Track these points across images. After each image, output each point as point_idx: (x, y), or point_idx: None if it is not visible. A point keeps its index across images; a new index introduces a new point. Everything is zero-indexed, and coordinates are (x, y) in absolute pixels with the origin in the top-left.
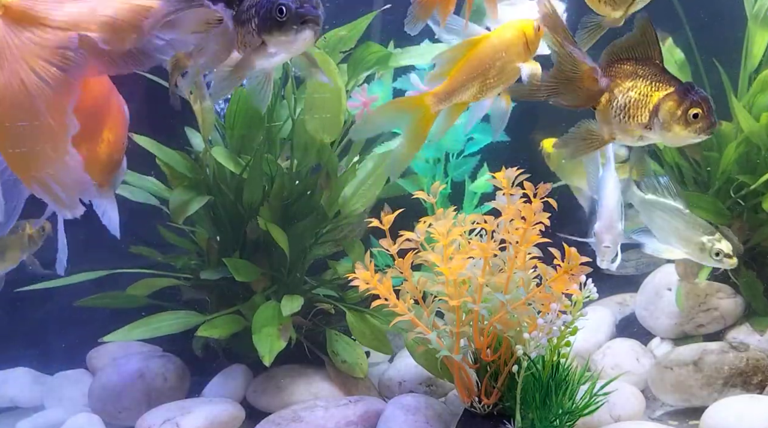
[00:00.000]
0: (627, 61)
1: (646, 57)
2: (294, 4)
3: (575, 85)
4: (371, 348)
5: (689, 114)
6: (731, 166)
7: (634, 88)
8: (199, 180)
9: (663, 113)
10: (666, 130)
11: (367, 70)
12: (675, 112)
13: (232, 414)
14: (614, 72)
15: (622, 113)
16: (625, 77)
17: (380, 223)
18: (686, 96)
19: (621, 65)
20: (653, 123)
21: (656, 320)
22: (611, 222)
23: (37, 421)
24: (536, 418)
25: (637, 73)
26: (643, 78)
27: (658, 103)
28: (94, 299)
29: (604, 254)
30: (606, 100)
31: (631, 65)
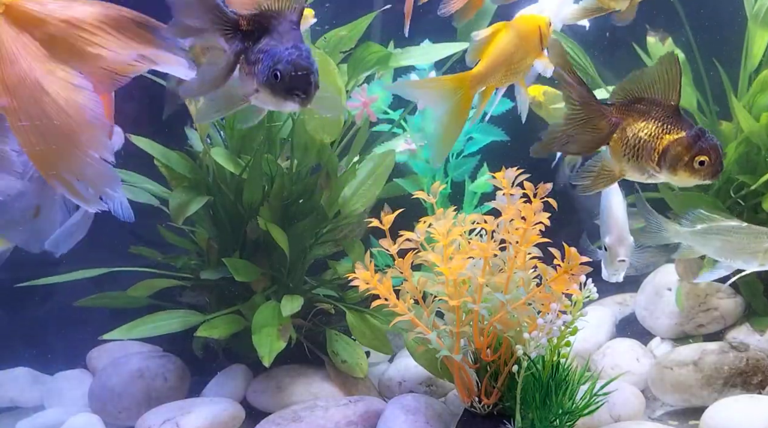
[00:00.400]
0: (642, 100)
1: (663, 97)
2: (289, 72)
3: (588, 129)
4: (371, 348)
5: (696, 161)
6: (731, 166)
7: (646, 129)
8: (198, 180)
9: (671, 157)
10: (672, 173)
11: (367, 70)
12: (683, 158)
13: (232, 414)
14: (627, 110)
15: (632, 153)
16: (638, 117)
17: (380, 223)
18: (695, 143)
19: (635, 104)
20: (661, 165)
21: (656, 320)
22: (623, 235)
23: (37, 421)
24: (536, 418)
25: (650, 114)
26: (656, 120)
27: (667, 147)
28: (94, 299)
29: (618, 268)
30: (617, 137)
31: (646, 105)
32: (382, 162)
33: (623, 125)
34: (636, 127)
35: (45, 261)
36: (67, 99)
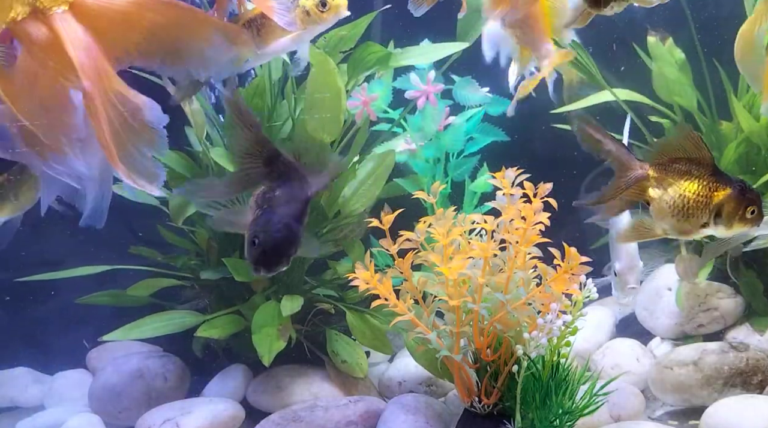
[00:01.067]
0: (679, 160)
1: (698, 156)
2: (262, 247)
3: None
4: (371, 348)
5: (748, 212)
6: (731, 165)
7: (691, 188)
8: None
9: (726, 214)
10: (728, 227)
11: (367, 70)
12: (737, 213)
13: (232, 414)
14: (666, 170)
15: (681, 214)
16: (679, 177)
17: (380, 223)
18: (744, 196)
19: (673, 164)
20: (713, 222)
21: (656, 320)
22: (633, 262)
23: (37, 421)
24: (536, 418)
25: (691, 173)
26: (699, 178)
27: (720, 205)
28: (95, 297)
29: (629, 294)
30: (660, 197)
31: (684, 164)
32: (382, 162)
33: (665, 185)
34: (680, 187)
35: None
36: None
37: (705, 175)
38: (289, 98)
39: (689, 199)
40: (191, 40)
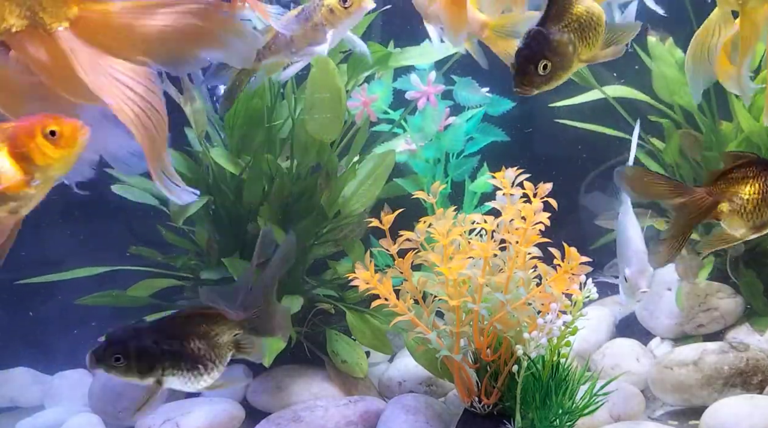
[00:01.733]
0: (729, 171)
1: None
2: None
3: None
4: (371, 348)
5: None
6: None
7: (754, 190)
8: (198, 180)
9: None
10: None
11: (366, 70)
12: None
13: (232, 414)
14: (723, 183)
15: (755, 215)
16: (738, 184)
17: (380, 223)
18: None
19: (727, 175)
20: None
21: (656, 320)
22: (643, 266)
23: (37, 421)
24: (536, 418)
25: (747, 176)
26: (755, 178)
27: None
28: (95, 297)
29: (640, 298)
30: (730, 211)
31: (739, 172)
32: (382, 162)
33: (728, 195)
34: (746, 192)
35: (46, 261)
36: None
37: (760, 172)
38: (289, 98)
39: (758, 200)
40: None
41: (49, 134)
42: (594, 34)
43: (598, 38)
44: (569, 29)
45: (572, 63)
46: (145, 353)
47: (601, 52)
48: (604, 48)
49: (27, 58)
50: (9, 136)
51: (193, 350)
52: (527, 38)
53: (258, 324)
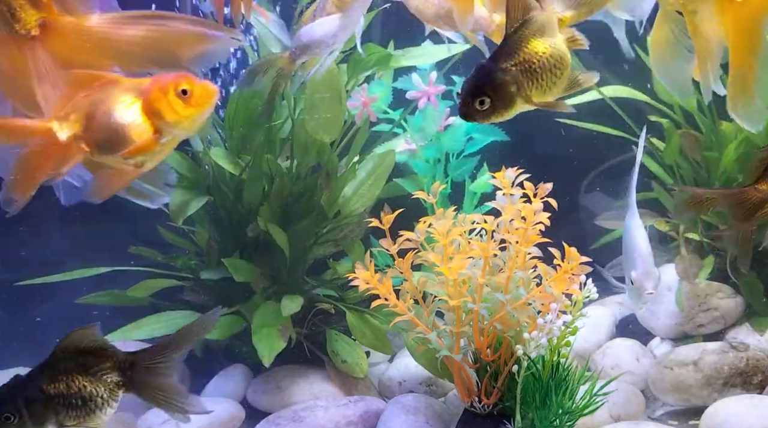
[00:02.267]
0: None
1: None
2: None
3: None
4: (371, 348)
5: None
6: (731, 165)
7: None
8: (198, 180)
9: None
10: None
11: (366, 70)
12: None
13: (232, 414)
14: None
15: None
16: None
17: (380, 223)
18: None
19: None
20: None
21: (656, 320)
22: (649, 269)
23: None
24: (536, 418)
25: None
26: None
27: None
28: (96, 297)
29: (647, 300)
30: None
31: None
32: (382, 162)
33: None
34: None
35: (46, 261)
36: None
37: None
38: (288, 98)
39: None
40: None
41: (181, 93)
42: (550, 76)
43: (556, 81)
44: (518, 69)
45: (514, 103)
46: (34, 403)
47: (551, 101)
48: (569, 90)
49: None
50: (143, 92)
51: (79, 388)
52: (473, 71)
53: (139, 381)
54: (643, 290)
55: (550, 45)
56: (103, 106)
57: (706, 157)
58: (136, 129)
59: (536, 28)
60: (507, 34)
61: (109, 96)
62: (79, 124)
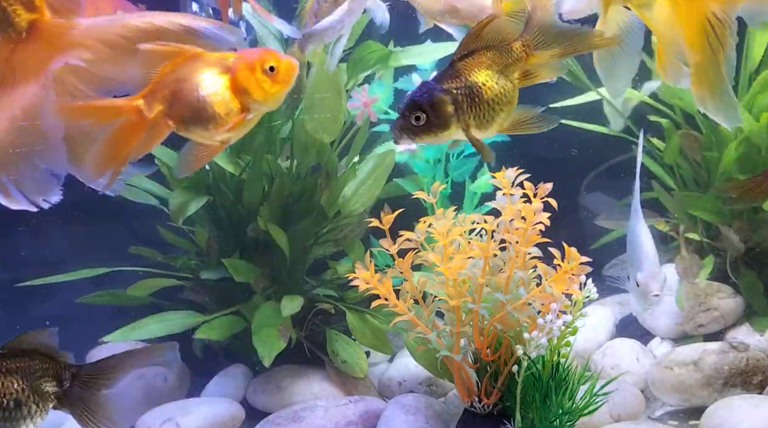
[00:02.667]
0: None
1: None
2: None
3: None
4: (371, 348)
5: None
6: (731, 165)
7: None
8: (198, 180)
9: None
10: None
11: (366, 69)
12: None
13: (232, 414)
14: None
15: None
16: None
17: (380, 223)
18: None
19: None
20: None
21: (656, 320)
22: (655, 270)
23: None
24: (536, 418)
25: None
26: None
27: None
28: (96, 296)
29: (653, 302)
30: None
31: None
32: (382, 162)
33: None
34: None
35: (46, 261)
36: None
37: None
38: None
39: None
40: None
41: (269, 70)
42: (488, 109)
43: (495, 116)
44: (459, 93)
45: (449, 125)
46: None
47: (480, 141)
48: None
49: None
50: (230, 69)
51: (15, 390)
52: (418, 86)
53: (76, 395)
54: (649, 292)
55: (496, 80)
56: (190, 82)
57: (706, 157)
58: (224, 107)
59: (487, 60)
60: (455, 58)
61: (195, 72)
62: (165, 101)
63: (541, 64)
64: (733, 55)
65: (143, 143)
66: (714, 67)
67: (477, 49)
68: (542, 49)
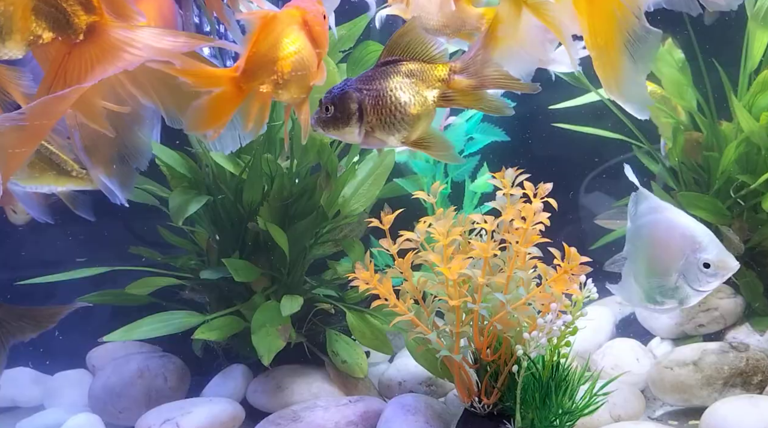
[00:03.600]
0: None
1: None
2: None
3: None
4: (371, 348)
5: None
6: (731, 166)
7: None
8: (198, 180)
9: None
10: None
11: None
12: None
13: (232, 414)
14: None
15: None
16: None
17: (380, 223)
18: None
19: None
20: None
21: (656, 320)
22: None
23: (37, 421)
24: (536, 418)
25: None
26: None
27: None
28: (96, 296)
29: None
30: None
31: None
32: (382, 162)
33: None
34: None
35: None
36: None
37: None
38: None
39: None
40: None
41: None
42: (390, 116)
43: (398, 125)
44: (367, 94)
45: (350, 123)
46: None
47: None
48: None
49: (49, 68)
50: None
51: None
52: (341, 82)
53: None
54: (728, 269)
55: (409, 90)
56: (280, 50)
57: (705, 157)
58: (311, 66)
59: (406, 70)
60: (379, 62)
61: (281, 36)
62: (266, 72)
63: (463, 92)
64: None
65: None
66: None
67: (402, 59)
68: (465, 77)
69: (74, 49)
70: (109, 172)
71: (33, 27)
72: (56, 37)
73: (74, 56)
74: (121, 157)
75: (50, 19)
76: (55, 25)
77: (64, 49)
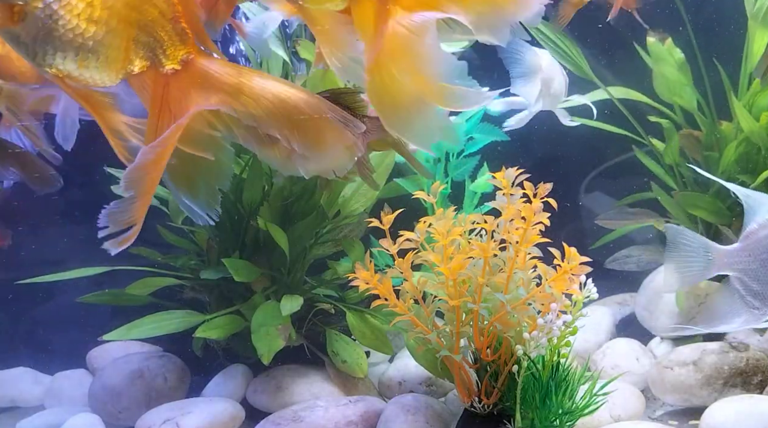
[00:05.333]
0: None
1: None
2: None
3: None
4: (371, 348)
5: None
6: (731, 166)
7: None
8: None
9: None
10: None
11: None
12: None
13: (232, 414)
14: None
15: None
16: None
17: (380, 223)
18: None
19: None
20: None
21: (656, 320)
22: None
23: (37, 421)
24: (536, 418)
25: None
26: None
27: None
28: (96, 296)
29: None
30: None
31: None
32: (382, 162)
33: None
34: None
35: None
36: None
37: None
38: None
39: None
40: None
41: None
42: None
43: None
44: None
45: None
46: None
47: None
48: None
49: (144, 97)
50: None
51: None
52: None
53: None
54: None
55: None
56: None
57: (705, 157)
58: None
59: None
60: None
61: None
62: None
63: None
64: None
65: None
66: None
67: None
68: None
69: (172, 79)
70: (195, 194)
71: (132, 56)
72: (152, 67)
73: (173, 87)
74: (205, 180)
75: (149, 49)
76: (152, 54)
77: (160, 79)
